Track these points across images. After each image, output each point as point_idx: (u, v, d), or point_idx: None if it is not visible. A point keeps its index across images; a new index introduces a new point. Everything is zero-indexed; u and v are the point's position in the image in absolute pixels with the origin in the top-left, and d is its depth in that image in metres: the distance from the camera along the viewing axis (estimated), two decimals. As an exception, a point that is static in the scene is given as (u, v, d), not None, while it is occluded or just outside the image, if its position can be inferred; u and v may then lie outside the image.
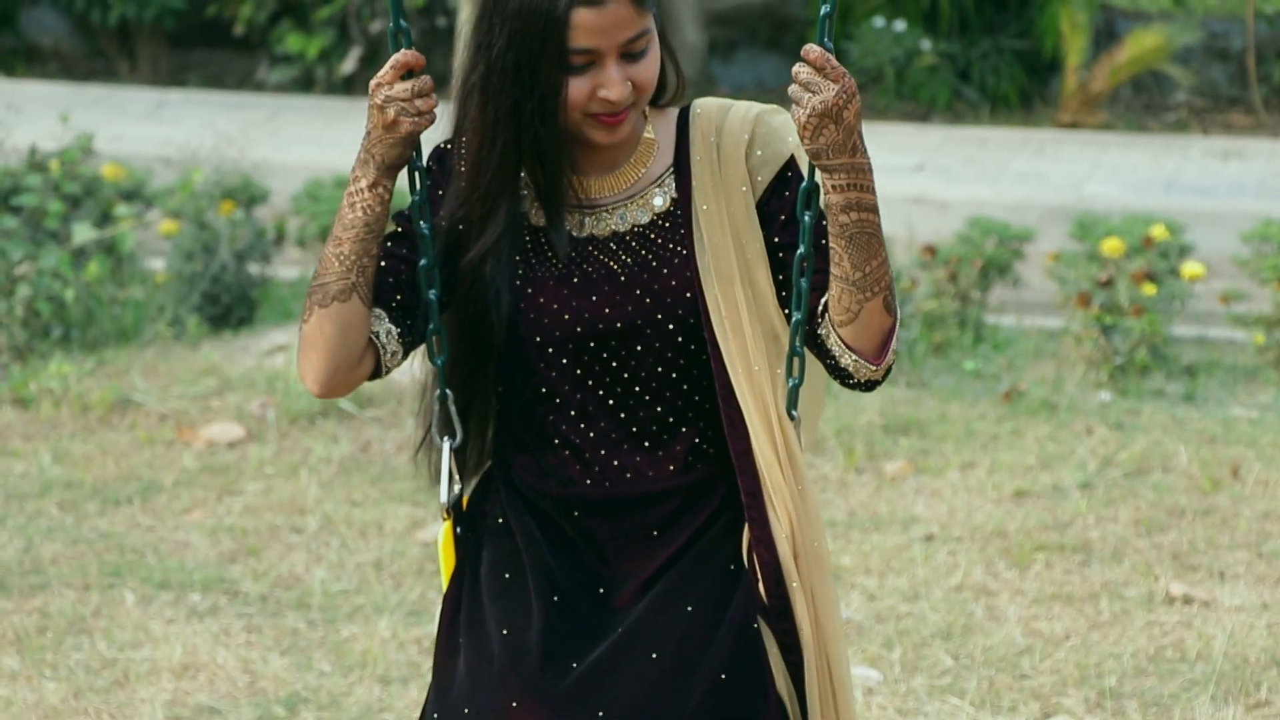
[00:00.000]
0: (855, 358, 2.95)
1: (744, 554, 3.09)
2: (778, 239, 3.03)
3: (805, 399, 3.07)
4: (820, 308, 2.98)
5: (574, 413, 3.07)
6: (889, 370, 2.98)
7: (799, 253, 2.95)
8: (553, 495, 3.10)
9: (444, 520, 3.15)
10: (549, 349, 3.04)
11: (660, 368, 3.05)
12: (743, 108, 3.09)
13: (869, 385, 2.99)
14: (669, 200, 3.06)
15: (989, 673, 5.19)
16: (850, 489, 6.53)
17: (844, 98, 2.81)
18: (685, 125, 3.09)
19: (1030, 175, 12.24)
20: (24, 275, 7.73)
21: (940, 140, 13.17)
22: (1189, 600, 5.64)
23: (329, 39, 14.69)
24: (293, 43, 14.73)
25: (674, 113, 3.11)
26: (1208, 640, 5.35)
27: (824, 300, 2.97)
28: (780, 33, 15.30)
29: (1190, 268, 8.41)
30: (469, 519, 3.16)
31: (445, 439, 3.14)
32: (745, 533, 3.08)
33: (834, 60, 2.82)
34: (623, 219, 3.06)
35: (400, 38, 2.94)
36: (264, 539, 6.07)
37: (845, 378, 2.99)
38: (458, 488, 3.15)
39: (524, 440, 3.12)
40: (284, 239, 9.38)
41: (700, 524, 3.09)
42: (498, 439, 3.18)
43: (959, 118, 14.09)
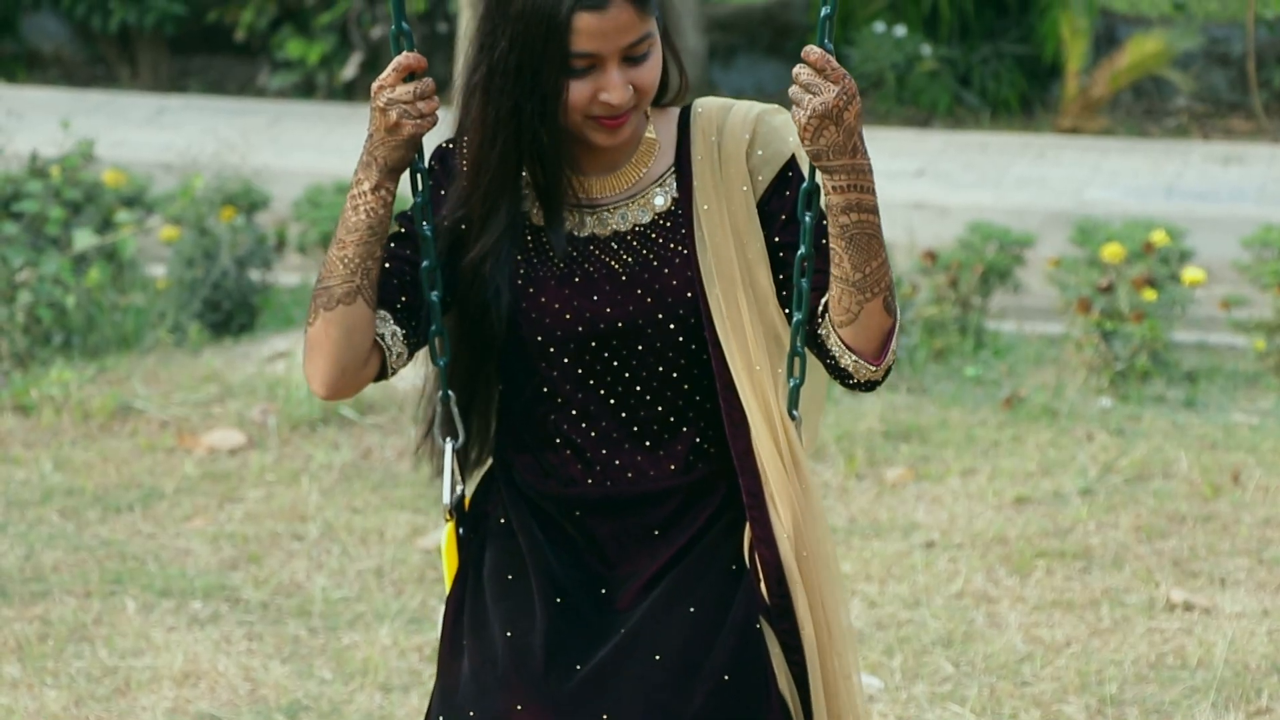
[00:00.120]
0: (855, 358, 2.96)
1: (745, 554, 3.09)
2: (778, 239, 3.03)
3: (806, 399, 3.08)
4: (820, 308, 2.99)
5: (575, 412, 3.08)
6: (889, 371, 2.99)
7: (800, 253, 2.96)
8: (554, 495, 3.11)
9: (447, 521, 3.16)
10: (550, 348, 3.05)
11: (661, 367, 3.05)
12: (744, 107, 3.10)
13: (869, 385, 3.00)
14: (670, 200, 3.07)
15: (990, 680, 5.19)
16: (851, 495, 6.53)
17: (844, 99, 2.82)
18: (686, 125, 3.09)
19: (1031, 180, 12.24)
20: (25, 282, 7.73)
21: (941, 145, 13.17)
22: (1190, 607, 5.64)
23: (330, 45, 14.69)
24: (293, 48, 14.73)
25: (675, 112, 3.11)
26: (1209, 647, 5.35)
27: (824, 300, 2.98)
28: (781, 38, 15.30)
29: (1191, 273, 8.41)
30: (471, 520, 3.17)
31: (447, 439, 3.15)
32: (747, 532, 3.09)
33: (834, 62, 2.83)
34: (624, 218, 3.07)
35: (402, 40, 2.94)
36: (265, 546, 6.07)
37: (845, 378, 3.00)
38: (460, 488, 3.16)
39: (525, 440, 3.13)
40: (285, 245, 9.38)
41: (701, 524, 3.09)
42: (499, 439, 3.18)
43: (960, 123, 14.09)
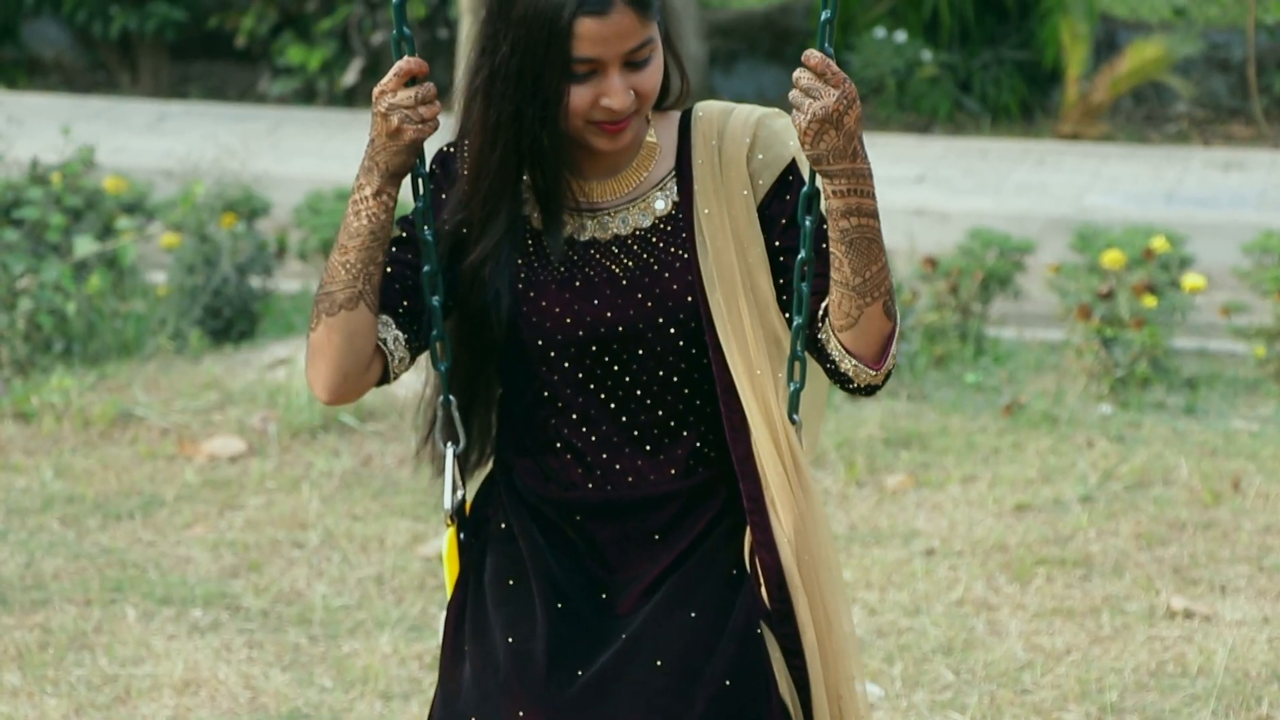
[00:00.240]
0: (855, 362, 2.96)
1: (746, 559, 3.09)
2: (779, 243, 3.03)
3: (807, 404, 3.08)
4: (820, 312, 2.99)
5: (575, 416, 3.08)
6: (889, 375, 2.99)
7: (800, 257, 2.96)
8: (554, 499, 3.11)
9: (448, 526, 3.16)
10: (550, 352, 3.05)
11: (661, 371, 3.06)
12: (744, 111, 3.10)
13: (869, 390, 3.00)
14: (670, 204, 3.07)
15: (990, 688, 5.19)
16: (851, 502, 6.53)
17: (844, 103, 2.82)
18: (687, 129, 3.09)
19: (1031, 187, 12.24)
20: (25, 289, 7.74)
21: (941, 151, 13.17)
22: (1190, 614, 5.64)
23: (330, 51, 14.69)
24: (294, 55, 14.73)
25: (676, 116, 3.11)
26: (1209, 655, 5.35)
27: (824, 305, 2.98)
28: (781, 44, 15.30)
29: (1191, 280, 8.41)
30: (472, 525, 3.17)
31: (448, 444, 3.15)
32: (747, 537, 3.09)
33: (834, 66, 2.83)
34: (624, 222, 3.07)
35: (403, 45, 2.94)
36: (265, 554, 6.07)
37: (845, 382, 3.00)
38: (460, 493, 3.16)
39: (525, 444, 3.13)
40: (285, 252, 9.38)
41: (702, 528, 3.09)
42: (499, 442, 3.19)
43: (960, 129, 14.09)
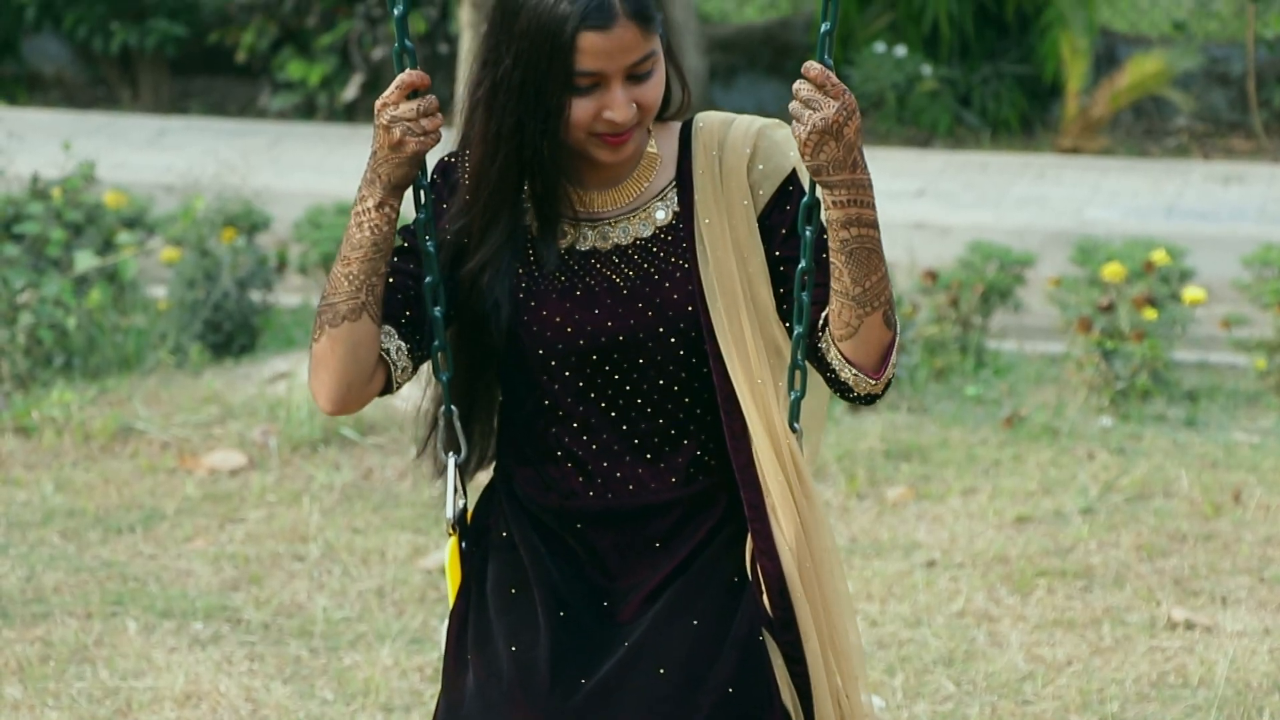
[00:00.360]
0: (855, 371, 2.97)
1: (748, 566, 3.10)
2: (779, 253, 3.04)
3: (808, 413, 3.09)
4: (820, 322, 3.00)
5: (576, 425, 3.09)
6: (889, 384, 3.00)
7: (800, 267, 2.97)
8: (555, 508, 3.12)
9: (449, 535, 3.16)
10: (551, 361, 3.06)
11: (662, 380, 3.06)
12: (745, 122, 3.11)
13: (869, 399, 3.01)
14: (671, 214, 3.08)
15: (991, 699, 5.18)
16: (852, 515, 6.53)
17: (844, 114, 2.83)
18: (688, 139, 3.11)
19: (1031, 200, 12.25)
20: (26, 303, 7.74)
21: (941, 165, 13.18)
22: (1191, 626, 5.64)
23: (331, 66, 14.71)
24: (294, 70, 14.75)
25: (676, 127, 3.13)
26: (1210, 666, 5.35)
27: (824, 314, 2.99)
28: (781, 58, 15.31)
29: (1191, 292, 8.41)
30: (473, 534, 3.18)
31: (450, 454, 3.16)
32: (748, 544, 3.09)
33: (834, 77, 2.84)
34: (625, 232, 3.08)
35: (405, 58, 2.95)
36: (266, 567, 6.06)
37: (845, 391, 3.01)
38: (462, 502, 3.16)
39: (526, 452, 3.14)
40: (286, 266, 9.38)
41: (703, 536, 3.10)
42: (500, 451, 3.19)
43: (960, 143, 14.10)
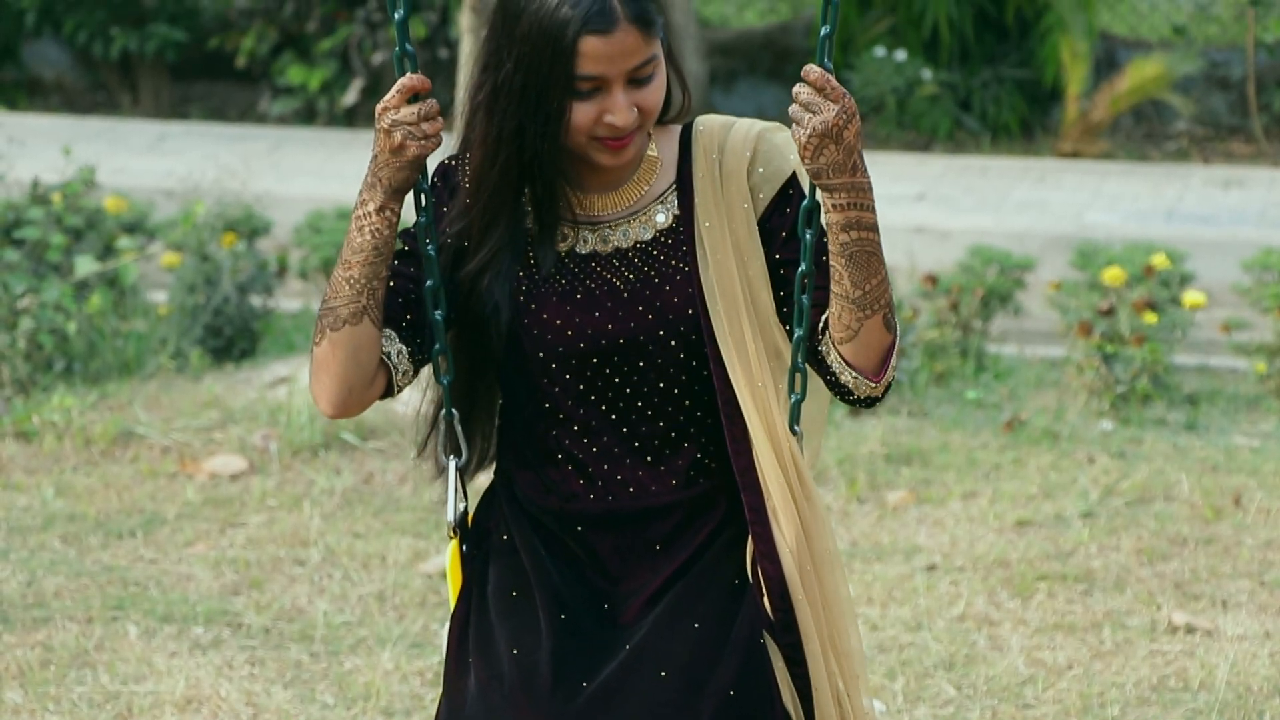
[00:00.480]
0: (855, 374, 2.97)
1: (748, 569, 3.10)
2: (779, 256, 3.05)
3: (808, 417, 3.10)
4: (821, 325, 3.00)
5: (576, 427, 3.09)
6: (889, 387, 3.00)
7: (800, 270, 2.98)
8: (555, 510, 3.12)
9: (451, 539, 3.17)
10: (552, 364, 3.06)
11: (662, 383, 3.06)
12: (745, 125, 3.12)
13: (869, 402, 3.01)
14: (671, 217, 3.08)
15: (992, 703, 5.18)
16: (852, 519, 6.53)
17: (844, 118, 2.84)
18: (688, 142, 3.11)
19: (1031, 204, 12.25)
20: (26, 308, 7.74)
21: (941, 169, 13.18)
22: (1191, 629, 5.64)
23: (331, 71, 14.72)
24: (294, 75, 14.76)
25: (676, 130, 3.13)
26: (1210, 670, 5.35)
27: (824, 317, 2.99)
28: (781, 63, 15.32)
29: (1191, 296, 8.41)
30: (474, 537, 3.18)
31: (451, 457, 3.16)
32: (749, 547, 3.09)
33: (834, 81, 2.85)
34: (626, 235, 3.08)
35: (406, 62, 2.95)
36: (267, 571, 6.06)
37: (845, 394, 3.01)
38: (462, 505, 3.17)
39: (526, 455, 3.14)
40: (286, 271, 9.38)
41: (703, 539, 3.10)
42: (500, 454, 3.20)
43: (960, 147, 14.10)
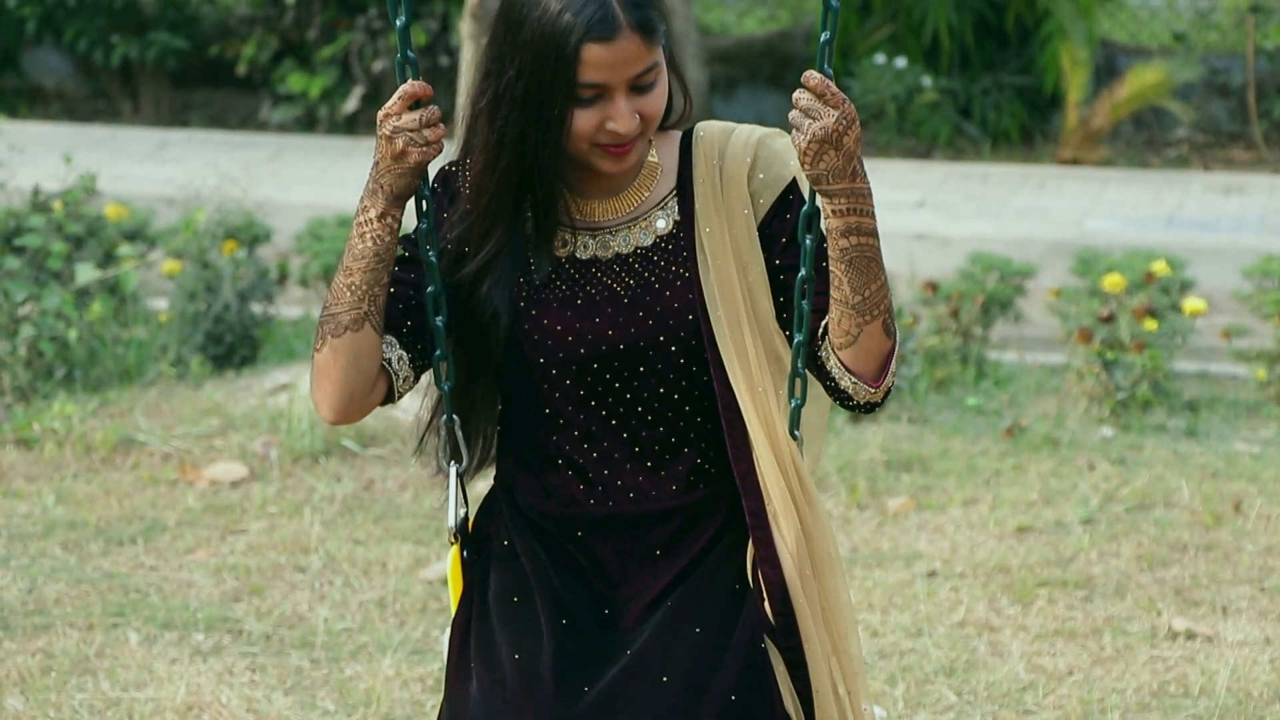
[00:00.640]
0: (855, 380, 2.98)
1: (749, 573, 3.10)
2: (779, 261, 3.05)
3: (808, 422, 3.10)
4: (820, 330, 3.00)
5: (577, 432, 3.09)
6: (889, 393, 3.00)
7: (800, 275, 2.98)
8: (555, 515, 3.12)
9: (451, 544, 3.17)
10: (552, 370, 3.06)
11: (662, 388, 3.07)
12: (745, 131, 3.12)
13: (869, 407, 3.01)
14: (672, 222, 3.08)
15: (992, 709, 5.18)
16: (853, 525, 6.53)
17: (844, 123, 2.84)
18: (688, 148, 3.11)
19: (1031, 211, 12.25)
20: (27, 316, 7.75)
21: (941, 176, 13.19)
22: (1192, 635, 5.64)
23: (331, 78, 14.72)
24: (295, 82, 14.77)
25: (677, 136, 3.13)
26: (1211, 675, 5.35)
27: (824, 323, 3.00)
28: (781, 70, 15.33)
29: (1192, 303, 8.41)
30: (474, 542, 3.18)
31: (451, 463, 3.16)
32: (749, 552, 3.09)
33: (834, 86, 2.85)
34: (626, 241, 3.08)
35: (408, 68, 2.95)
36: (267, 578, 6.07)
37: (845, 399, 3.01)
38: (463, 511, 3.17)
39: (526, 460, 3.14)
40: (287, 278, 9.39)
41: (704, 544, 3.10)
42: (500, 459, 3.20)
43: (960, 154, 14.11)
